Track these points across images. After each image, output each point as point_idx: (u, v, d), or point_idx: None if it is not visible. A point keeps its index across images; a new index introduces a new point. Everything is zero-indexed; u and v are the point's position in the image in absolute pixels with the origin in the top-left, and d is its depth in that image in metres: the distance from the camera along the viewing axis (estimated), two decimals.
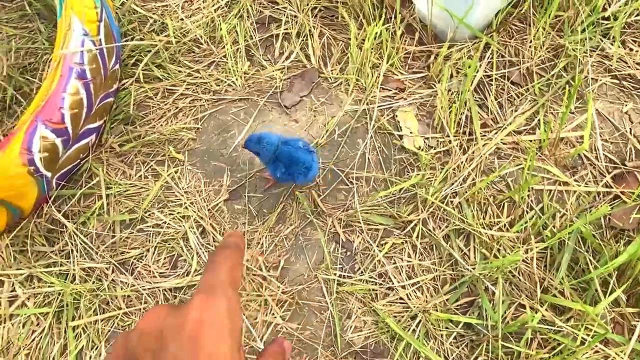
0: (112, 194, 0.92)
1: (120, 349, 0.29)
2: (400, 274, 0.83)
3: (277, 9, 1.07)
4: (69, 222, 0.90)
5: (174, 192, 0.92)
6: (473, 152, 0.89)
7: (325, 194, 0.90)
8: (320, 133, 0.94)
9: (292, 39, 1.03)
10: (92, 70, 0.91)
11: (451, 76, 0.96)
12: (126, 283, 0.87)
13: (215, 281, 0.30)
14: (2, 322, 0.86)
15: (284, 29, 1.04)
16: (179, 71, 1.03)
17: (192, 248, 0.88)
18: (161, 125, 0.98)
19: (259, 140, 0.81)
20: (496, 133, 0.90)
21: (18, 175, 0.85)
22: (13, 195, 0.86)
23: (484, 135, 0.91)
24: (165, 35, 1.05)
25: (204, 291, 0.29)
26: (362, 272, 0.83)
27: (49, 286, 0.87)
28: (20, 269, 0.88)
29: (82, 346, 0.83)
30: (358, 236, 0.86)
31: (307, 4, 1.05)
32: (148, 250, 0.89)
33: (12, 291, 0.88)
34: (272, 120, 0.97)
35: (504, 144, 0.90)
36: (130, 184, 0.93)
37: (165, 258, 0.88)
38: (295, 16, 1.05)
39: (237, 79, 1.01)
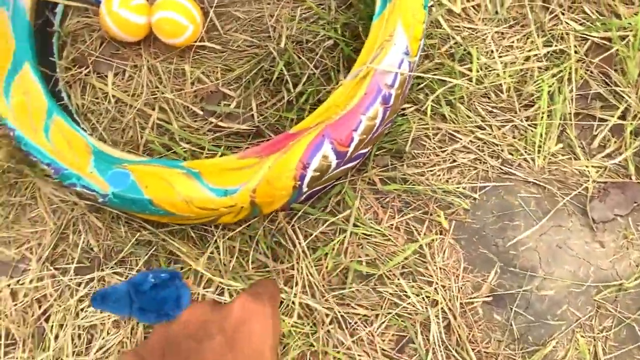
0: (357, 232, 0.80)
1: (160, 336, 0.29)
2: None
3: (610, 87, 0.86)
4: (300, 244, 0.79)
5: (426, 264, 0.78)
6: None
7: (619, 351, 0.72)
8: (627, 273, 0.75)
9: (626, 135, 0.82)
10: (396, 97, 0.77)
11: None
12: (342, 342, 0.75)
13: (262, 291, 0.32)
14: None
15: (617, 117, 0.84)
16: (468, 117, 0.87)
17: (429, 341, 0.74)
18: (432, 175, 0.83)
19: (104, 298, 0.55)
20: None
21: (284, 187, 0.74)
22: (265, 202, 0.77)
23: None
24: (467, 68, 0.89)
25: (249, 294, 0.31)
26: None
27: None
28: (235, 278, 0.80)
29: None
30: None
31: None
32: (377, 317, 0.77)
33: (219, 294, 0.81)
34: (570, 230, 0.78)
35: None
36: (378, 230, 0.81)
37: (393, 335, 0.76)
38: (633, 106, 0.84)
39: (538, 157, 0.83)
